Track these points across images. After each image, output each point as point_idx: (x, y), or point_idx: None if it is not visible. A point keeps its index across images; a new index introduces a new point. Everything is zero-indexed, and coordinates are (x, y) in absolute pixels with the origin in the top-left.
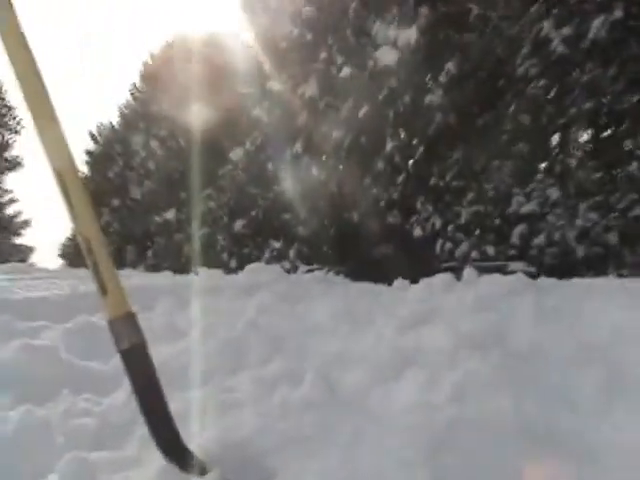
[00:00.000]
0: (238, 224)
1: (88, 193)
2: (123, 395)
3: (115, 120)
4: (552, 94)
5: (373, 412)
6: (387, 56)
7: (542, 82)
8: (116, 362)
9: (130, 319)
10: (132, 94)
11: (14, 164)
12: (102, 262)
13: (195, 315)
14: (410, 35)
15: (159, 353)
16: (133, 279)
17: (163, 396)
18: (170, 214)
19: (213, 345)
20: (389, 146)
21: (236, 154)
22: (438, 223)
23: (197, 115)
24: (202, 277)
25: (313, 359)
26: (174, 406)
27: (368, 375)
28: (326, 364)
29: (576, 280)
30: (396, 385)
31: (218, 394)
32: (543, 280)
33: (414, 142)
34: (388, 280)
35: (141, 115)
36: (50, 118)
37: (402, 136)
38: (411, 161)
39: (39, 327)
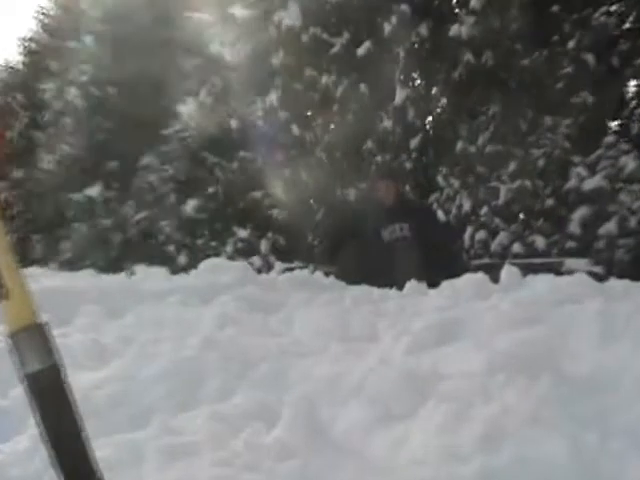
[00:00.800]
0: (190, 205)
1: None
2: (28, 440)
3: (15, 59)
4: (628, 24)
5: (374, 463)
6: None
7: (615, 7)
8: (19, 393)
9: (39, 333)
10: (40, 22)
11: None
12: (3, 261)
13: (130, 330)
14: None
15: (80, 381)
16: (42, 280)
17: (85, 439)
18: (94, 191)
19: (156, 370)
20: (399, 96)
21: (187, 107)
22: (467, 204)
23: (132, 52)
24: (140, 278)
25: (293, 389)
26: (100, 454)
27: (368, 411)
28: (310, 396)
29: None
30: (407, 425)
31: (162, 437)
32: (613, 283)
33: (433, 91)
34: (398, 283)
35: (53, 52)
36: None
37: (417, 82)
38: (430, 118)
39: None
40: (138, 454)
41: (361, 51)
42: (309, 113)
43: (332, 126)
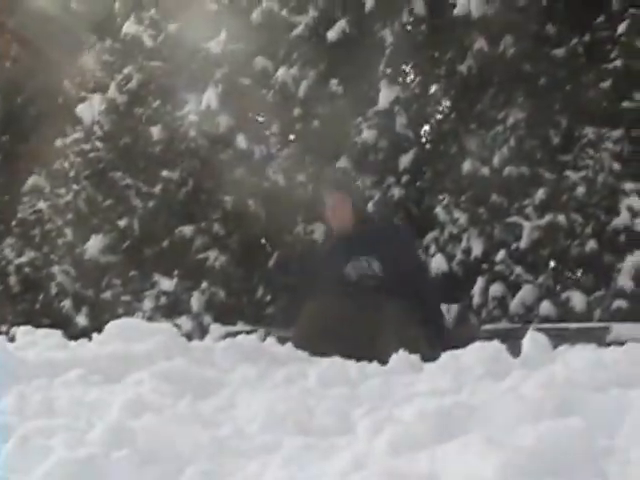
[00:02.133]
0: (93, 245)
1: None
2: None
3: None
4: None
5: None
6: None
7: None
8: None
9: None
10: None
11: None
12: None
13: (8, 417)
14: None
15: None
16: None
17: None
18: None
19: (44, 474)
20: (385, 97)
21: (90, 109)
22: (478, 247)
23: (13, 35)
24: (22, 345)
25: None
26: None
27: None
28: None
29: None
30: None
31: None
32: None
33: (432, 90)
34: (381, 356)
35: None
36: None
37: (410, 78)
38: (426, 127)
39: None
40: None
41: (332, 34)
42: (260, 119)
43: (292, 137)
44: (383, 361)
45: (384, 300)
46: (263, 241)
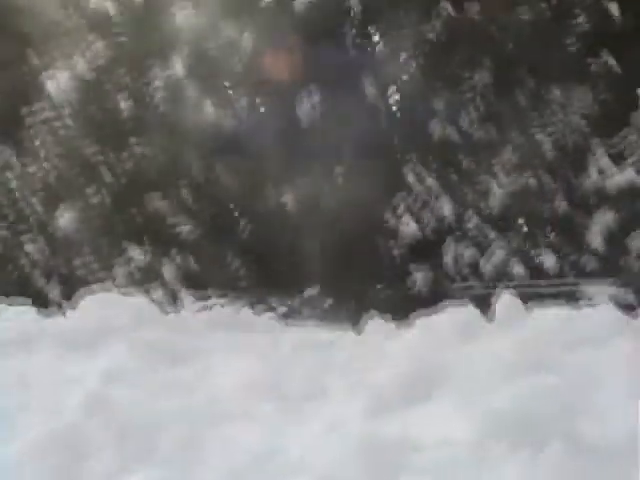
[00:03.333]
0: (64, 216)
1: None
2: None
3: None
4: None
5: None
6: None
7: None
8: None
9: None
10: None
11: None
12: None
13: None
14: None
15: None
16: None
17: None
18: None
19: (21, 447)
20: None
21: (56, 81)
22: (448, 210)
23: None
24: None
25: (213, 468)
26: None
27: None
28: (234, 475)
29: None
30: None
31: None
32: None
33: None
34: (355, 322)
35: None
36: None
37: (375, 41)
38: (393, 89)
39: None
40: None
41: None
42: (228, 85)
43: (259, 102)
44: (358, 329)
45: None
46: (233, 208)
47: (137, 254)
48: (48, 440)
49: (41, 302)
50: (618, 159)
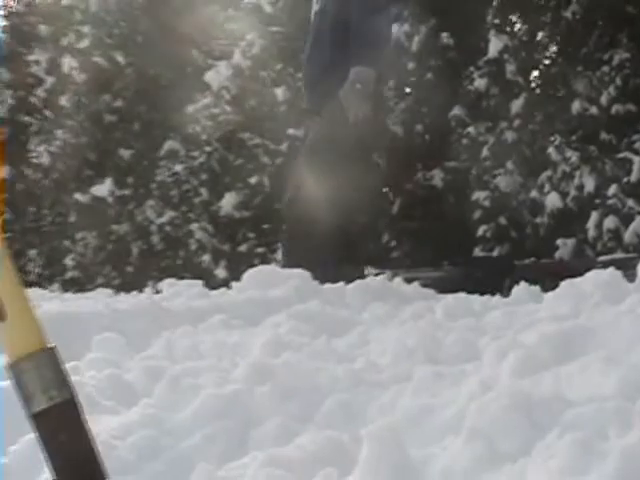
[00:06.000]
0: (227, 202)
1: None
2: None
3: None
4: None
5: None
6: None
7: None
8: (22, 450)
9: (47, 360)
10: None
11: None
12: None
13: (159, 362)
14: None
15: (98, 429)
16: (42, 305)
17: None
18: (103, 189)
19: (193, 411)
20: (494, 46)
21: (217, 75)
22: (590, 183)
23: (145, 8)
24: (168, 296)
25: (372, 426)
26: None
27: (471, 449)
28: (395, 433)
29: None
30: (521, 464)
31: None
32: None
33: (539, 37)
34: (501, 287)
35: (43, 13)
36: None
37: (517, 27)
38: (535, 72)
39: None
40: None
41: None
42: None
43: (408, 90)
44: (504, 293)
45: None
46: (385, 190)
47: None
48: (219, 405)
49: (210, 282)
50: None
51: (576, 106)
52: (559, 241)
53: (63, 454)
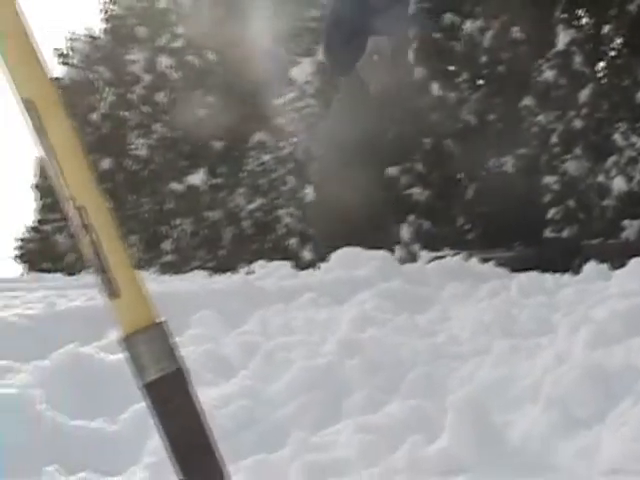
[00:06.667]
0: (310, 190)
1: (77, 135)
2: (144, 470)
3: (97, 26)
4: None
5: (560, 474)
6: None
7: None
8: (129, 417)
9: (158, 334)
10: None
11: None
12: (109, 244)
13: (253, 337)
14: None
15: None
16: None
17: (218, 452)
18: (197, 178)
19: (287, 382)
20: (562, 39)
21: (301, 70)
22: None
23: (235, 9)
24: (260, 276)
25: (454, 395)
26: None
27: (548, 416)
28: (477, 401)
29: None
30: (595, 430)
31: (304, 455)
32: None
33: (605, 30)
34: (571, 266)
35: (140, 15)
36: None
37: (584, 21)
38: (601, 63)
39: None
40: (278, 476)
41: None
42: (451, 68)
43: (480, 82)
44: (575, 271)
45: None
46: (459, 176)
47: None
48: (311, 377)
49: (297, 264)
50: None
51: None
52: (625, 222)
53: (173, 421)
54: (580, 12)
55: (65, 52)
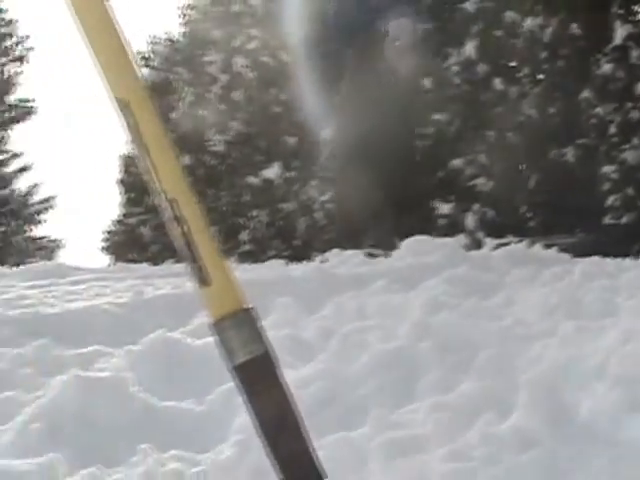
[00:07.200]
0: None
1: (167, 133)
2: (231, 448)
3: (176, 30)
4: None
5: (631, 451)
6: None
7: None
8: (217, 397)
9: (247, 319)
10: None
11: (23, 111)
12: (199, 235)
13: (330, 322)
14: None
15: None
16: None
17: (304, 429)
18: (272, 172)
19: (363, 364)
20: (619, 34)
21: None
22: None
23: (312, 12)
24: (334, 264)
25: (523, 375)
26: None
27: (616, 394)
28: (547, 380)
29: None
30: None
31: (384, 433)
32: None
33: None
34: (631, 251)
35: (217, 19)
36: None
37: None
38: None
39: (92, 353)
40: (359, 453)
41: None
42: (512, 64)
43: (540, 76)
44: (636, 256)
45: None
46: (521, 167)
47: (445, 209)
48: (386, 359)
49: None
50: None
51: None
52: None
53: (262, 401)
54: (636, 8)
55: (147, 55)
